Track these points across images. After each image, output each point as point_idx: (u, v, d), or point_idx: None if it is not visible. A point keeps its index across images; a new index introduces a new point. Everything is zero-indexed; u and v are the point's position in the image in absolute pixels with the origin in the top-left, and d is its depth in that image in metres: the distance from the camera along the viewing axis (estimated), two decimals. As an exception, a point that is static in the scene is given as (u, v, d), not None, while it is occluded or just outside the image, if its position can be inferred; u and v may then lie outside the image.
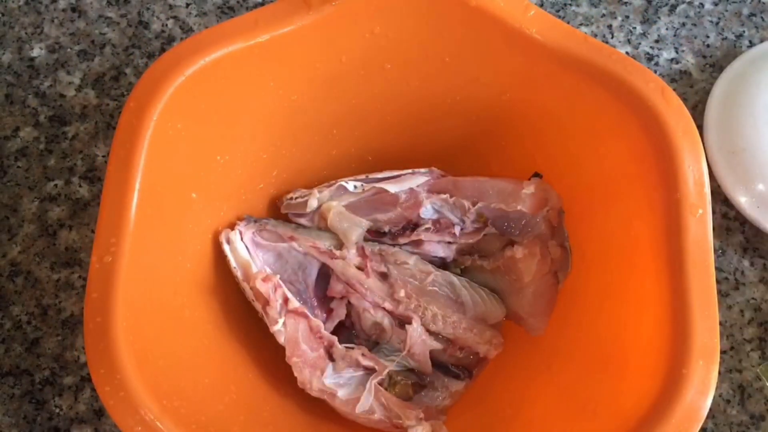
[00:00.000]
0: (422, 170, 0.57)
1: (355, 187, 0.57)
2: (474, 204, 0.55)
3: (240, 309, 0.55)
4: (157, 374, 0.45)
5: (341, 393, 0.52)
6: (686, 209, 0.46)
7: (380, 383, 0.53)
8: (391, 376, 0.54)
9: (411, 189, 0.56)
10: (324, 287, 0.57)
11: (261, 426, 0.52)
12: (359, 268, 0.55)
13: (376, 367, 0.53)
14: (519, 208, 0.54)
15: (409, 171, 0.57)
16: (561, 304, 0.54)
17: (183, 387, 0.47)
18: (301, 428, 0.54)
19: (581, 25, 0.72)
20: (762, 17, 0.73)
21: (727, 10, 0.73)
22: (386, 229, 0.57)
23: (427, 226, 0.56)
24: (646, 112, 0.48)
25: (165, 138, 0.48)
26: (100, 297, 0.44)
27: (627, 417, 0.45)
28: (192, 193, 0.52)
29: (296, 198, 0.57)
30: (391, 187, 0.56)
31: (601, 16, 0.72)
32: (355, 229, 0.55)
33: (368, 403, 0.51)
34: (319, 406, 0.53)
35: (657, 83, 0.49)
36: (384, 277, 0.56)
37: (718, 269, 0.65)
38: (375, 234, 0.57)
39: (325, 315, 0.57)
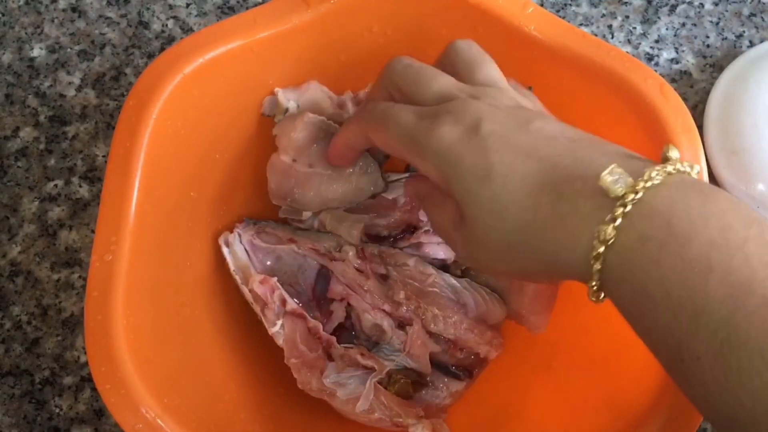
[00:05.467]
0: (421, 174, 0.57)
1: (353, 192, 0.56)
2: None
3: (241, 307, 0.55)
4: (157, 372, 0.45)
5: (341, 392, 0.52)
6: (686, 206, 0.46)
7: (380, 382, 0.52)
8: (390, 374, 0.53)
9: (410, 193, 0.56)
10: (324, 289, 0.57)
11: (261, 424, 0.52)
12: (359, 270, 0.55)
13: (376, 367, 0.53)
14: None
15: (407, 175, 0.57)
16: (561, 302, 0.54)
17: (184, 385, 0.47)
18: (301, 426, 0.54)
19: (581, 25, 0.72)
20: (762, 17, 0.73)
21: (727, 10, 0.73)
22: (386, 233, 0.57)
23: (426, 228, 0.56)
24: (644, 109, 0.49)
25: (164, 136, 0.48)
26: (100, 295, 0.44)
27: (627, 414, 0.45)
28: (191, 192, 0.52)
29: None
30: (388, 193, 0.56)
31: (601, 16, 0.72)
32: (356, 225, 0.55)
33: (368, 402, 0.51)
34: (319, 405, 0.53)
35: (655, 80, 0.49)
36: (384, 278, 0.55)
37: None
38: (375, 239, 0.57)
39: (324, 317, 0.57)
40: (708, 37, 0.72)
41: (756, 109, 0.65)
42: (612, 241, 0.34)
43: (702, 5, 0.73)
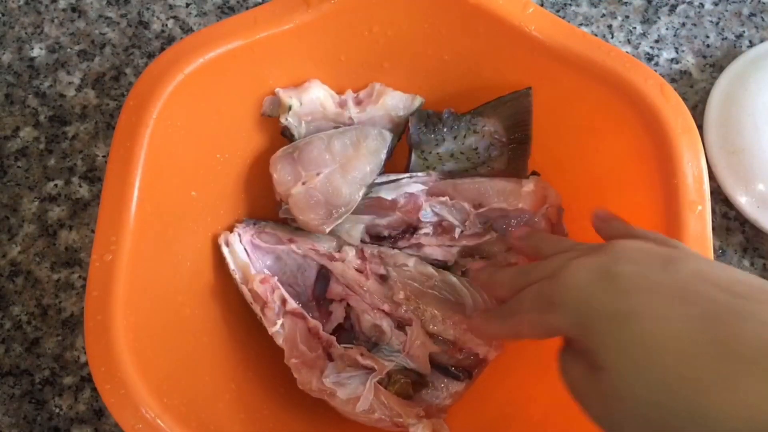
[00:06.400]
0: (420, 174, 0.57)
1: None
2: (475, 207, 0.55)
3: (241, 307, 0.55)
4: (157, 372, 0.45)
5: (341, 392, 0.52)
6: (685, 206, 0.46)
7: (379, 382, 0.52)
8: (390, 374, 0.53)
9: (410, 193, 0.56)
10: (323, 289, 0.57)
11: (261, 424, 0.52)
12: (359, 270, 0.55)
13: (376, 367, 0.53)
14: (520, 206, 0.54)
15: (407, 175, 0.57)
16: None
17: (183, 385, 0.47)
18: (301, 426, 0.54)
19: (581, 25, 0.72)
20: (762, 17, 0.73)
21: (727, 10, 0.73)
22: (386, 233, 0.57)
23: (426, 230, 0.56)
24: (645, 109, 0.49)
25: (165, 136, 0.48)
26: (100, 295, 0.44)
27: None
28: (192, 192, 0.52)
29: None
30: (388, 194, 0.56)
31: (601, 16, 0.72)
32: (357, 225, 0.55)
33: (368, 402, 0.51)
34: (319, 405, 0.53)
35: (656, 80, 0.49)
36: (383, 279, 0.55)
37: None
38: (375, 239, 0.57)
39: (324, 317, 0.57)
40: (708, 37, 0.72)
41: (756, 109, 0.65)
42: None
43: (702, 5, 0.73)
